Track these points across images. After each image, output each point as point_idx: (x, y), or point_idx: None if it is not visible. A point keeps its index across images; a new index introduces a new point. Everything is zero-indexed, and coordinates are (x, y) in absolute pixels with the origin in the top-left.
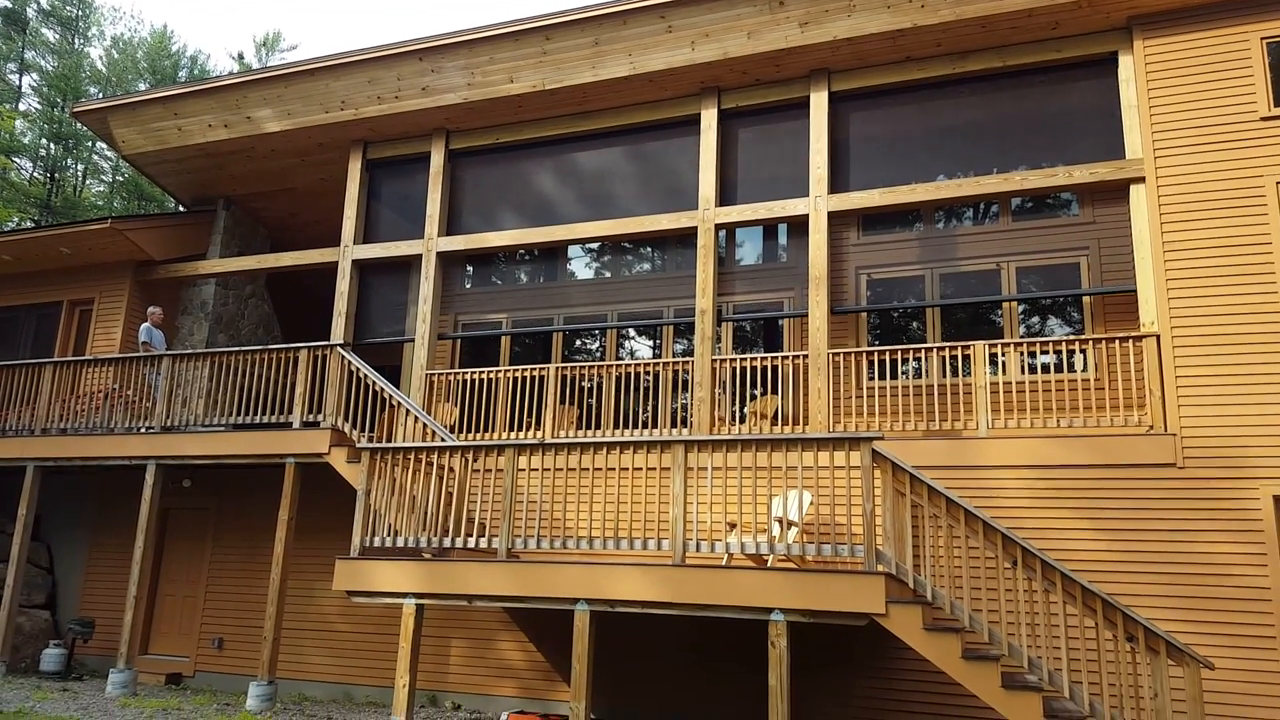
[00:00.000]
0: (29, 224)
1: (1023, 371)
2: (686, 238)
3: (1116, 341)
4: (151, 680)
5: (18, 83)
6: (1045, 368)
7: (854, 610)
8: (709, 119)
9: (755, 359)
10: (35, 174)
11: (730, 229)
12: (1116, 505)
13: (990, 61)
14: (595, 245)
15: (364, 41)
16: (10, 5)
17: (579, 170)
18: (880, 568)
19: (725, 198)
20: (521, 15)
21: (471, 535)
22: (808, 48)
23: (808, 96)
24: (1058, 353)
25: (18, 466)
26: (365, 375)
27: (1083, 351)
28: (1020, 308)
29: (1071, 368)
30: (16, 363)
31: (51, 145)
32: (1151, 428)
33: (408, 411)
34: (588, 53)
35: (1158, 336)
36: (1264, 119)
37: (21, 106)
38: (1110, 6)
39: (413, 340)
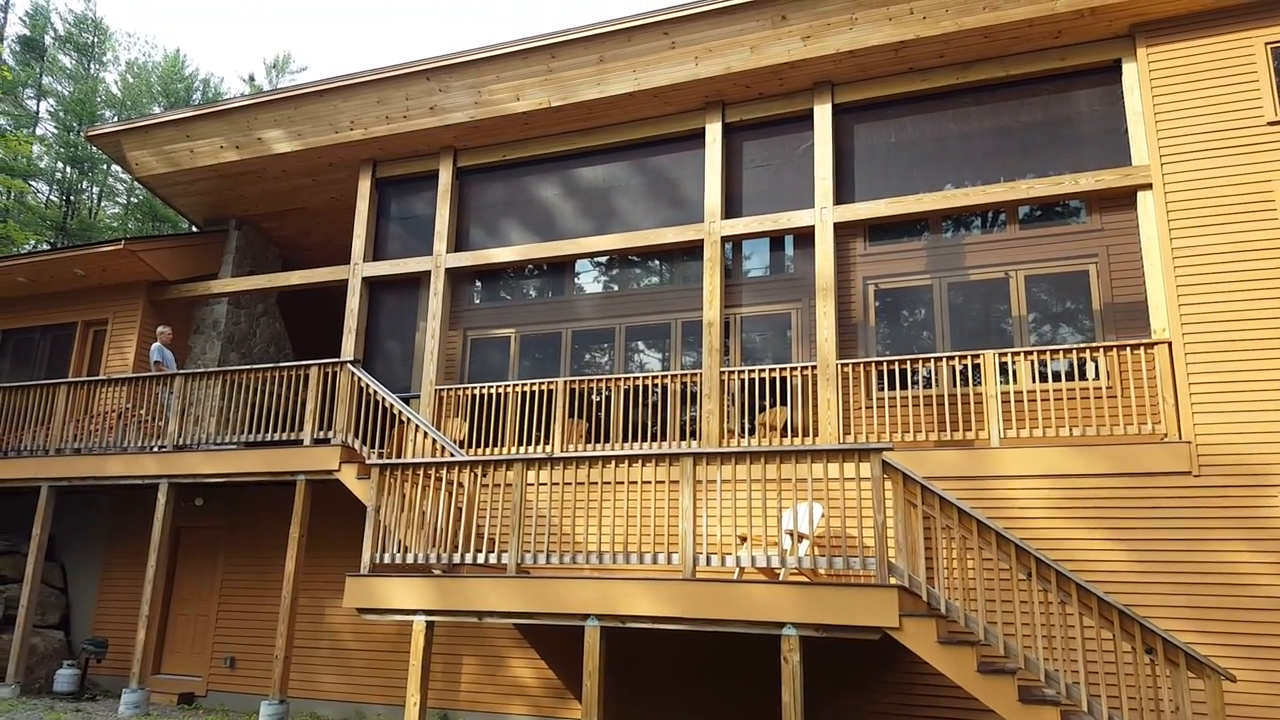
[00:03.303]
0: (45, 246)
1: (1034, 380)
2: (693, 250)
3: (1128, 349)
4: (164, 700)
5: (35, 108)
6: (1057, 376)
7: (867, 624)
8: (713, 133)
9: (764, 370)
10: (51, 197)
11: (736, 241)
12: (1131, 514)
13: (993, 71)
14: (603, 259)
15: (372, 62)
16: (28, 33)
17: (585, 185)
18: (893, 580)
19: (731, 210)
20: (527, 34)
21: (481, 551)
22: (810, 61)
23: (811, 109)
24: (1069, 361)
25: (32, 486)
26: (375, 392)
27: (1094, 359)
28: (1030, 316)
29: (1083, 376)
30: (32, 383)
31: (67, 168)
32: (1165, 435)
33: (417, 427)
34: (592, 70)
35: (1169, 343)
36: (1270, 124)
37: (39, 131)
38: (1112, 15)
39: (419, 396)
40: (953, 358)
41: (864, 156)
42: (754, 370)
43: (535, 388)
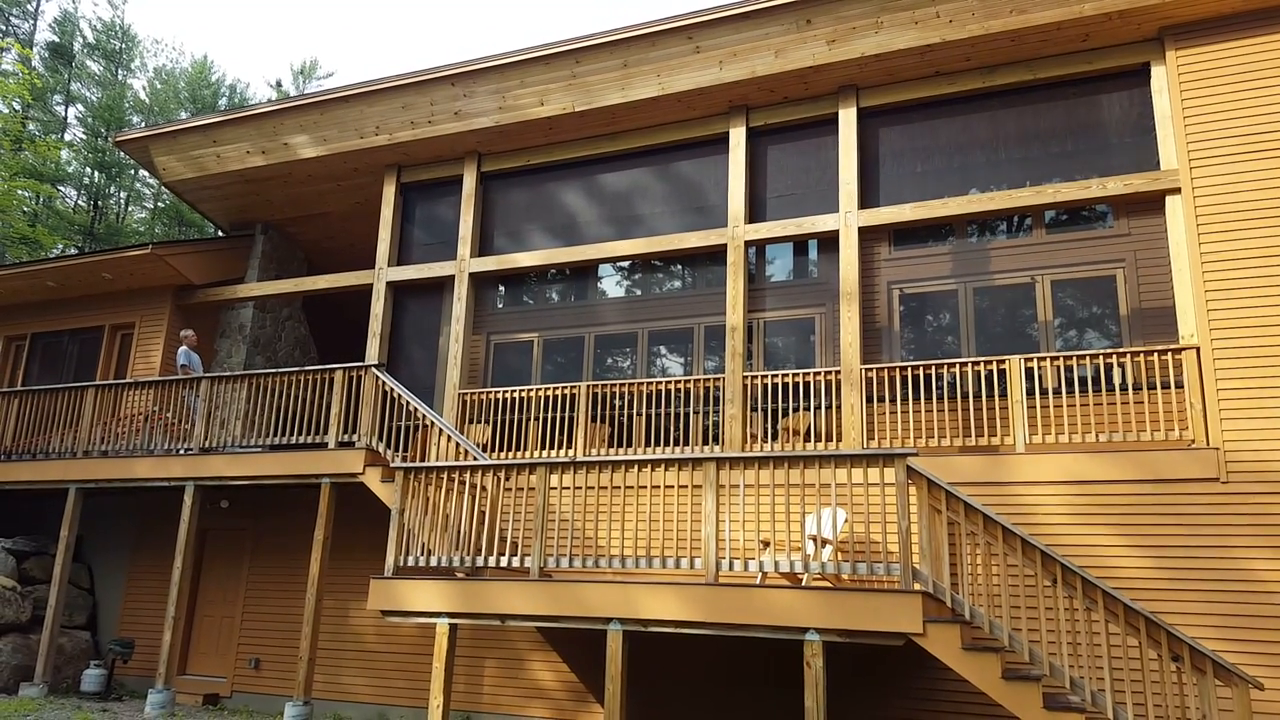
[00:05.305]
0: (73, 251)
1: (1060, 385)
2: (716, 255)
3: (1155, 355)
4: (189, 701)
5: (64, 114)
6: (1083, 381)
7: (891, 630)
8: (737, 137)
9: (787, 375)
10: (79, 202)
11: (760, 246)
12: (1158, 521)
13: (1020, 75)
14: (625, 264)
15: (398, 67)
16: (57, 40)
17: (609, 190)
18: (917, 586)
19: (755, 215)
20: (551, 40)
21: (504, 554)
22: (835, 65)
23: (836, 113)
24: (1095, 366)
25: (60, 488)
26: (399, 395)
27: (1121, 365)
28: (1056, 321)
29: (1110, 381)
30: (59, 386)
31: (95, 174)
32: (1193, 442)
33: (441, 430)
34: (617, 75)
35: (1197, 349)
36: None
37: (67, 136)
38: (1141, 18)
39: (442, 400)
40: (978, 363)
41: (889, 160)
42: (777, 375)
43: (558, 392)
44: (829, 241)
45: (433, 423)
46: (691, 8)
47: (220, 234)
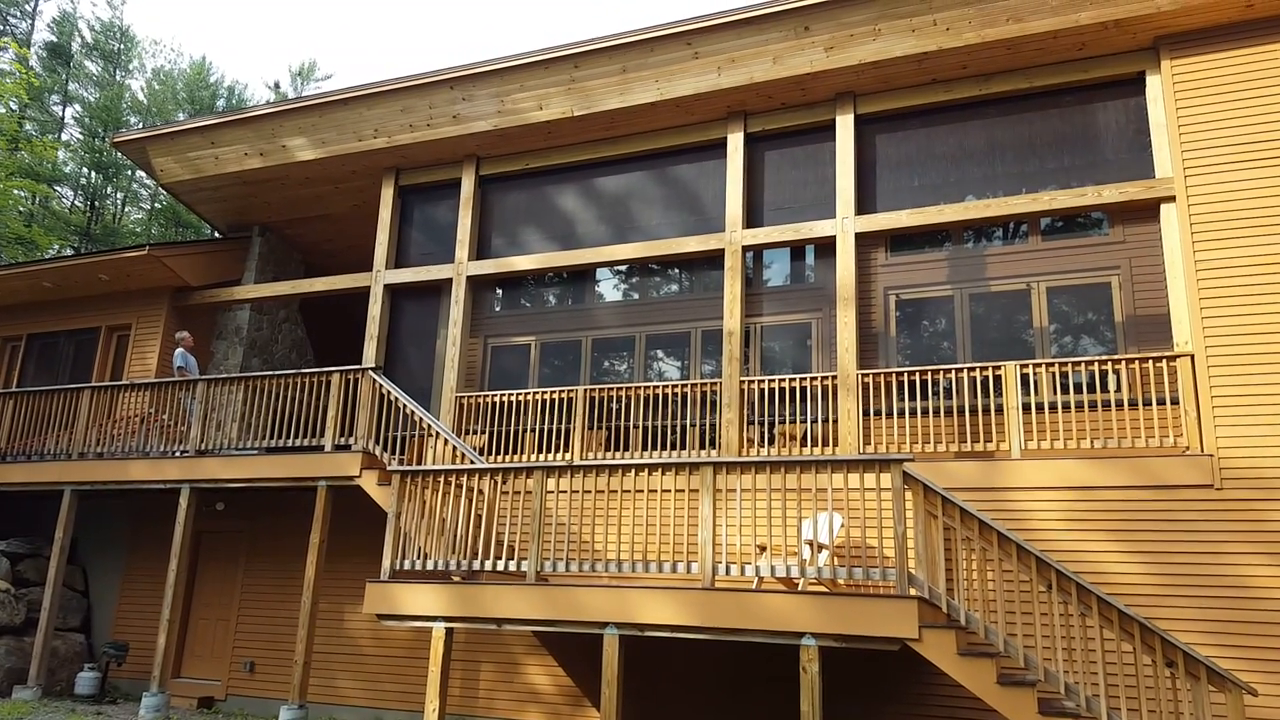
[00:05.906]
0: (69, 251)
1: (1055, 392)
2: (714, 259)
3: (1150, 362)
4: (184, 704)
5: (61, 114)
6: (1078, 388)
7: (887, 635)
8: (735, 142)
9: (784, 380)
10: (76, 202)
11: (757, 251)
12: (1153, 527)
13: (1017, 83)
14: (623, 268)
15: (397, 70)
16: (55, 39)
17: (607, 194)
18: (913, 592)
19: (752, 220)
20: (550, 44)
21: (500, 558)
22: (833, 72)
23: (834, 119)
24: (1090, 373)
25: (55, 490)
26: (396, 398)
27: (1116, 372)
28: (1052, 327)
29: (1105, 388)
30: (55, 388)
31: (92, 174)
32: (1188, 448)
33: (437, 434)
34: (616, 80)
35: (1192, 356)
36: None
37: (64, 137)
38: (1137, 27)
39: (439, 403)
40: (974, 369)
41: (886, 167)
42: (774, 379)
43: (555, 395)
44: (826, 247)
45: (430, 426)
46: (691, 13)
47: (217, 235)
